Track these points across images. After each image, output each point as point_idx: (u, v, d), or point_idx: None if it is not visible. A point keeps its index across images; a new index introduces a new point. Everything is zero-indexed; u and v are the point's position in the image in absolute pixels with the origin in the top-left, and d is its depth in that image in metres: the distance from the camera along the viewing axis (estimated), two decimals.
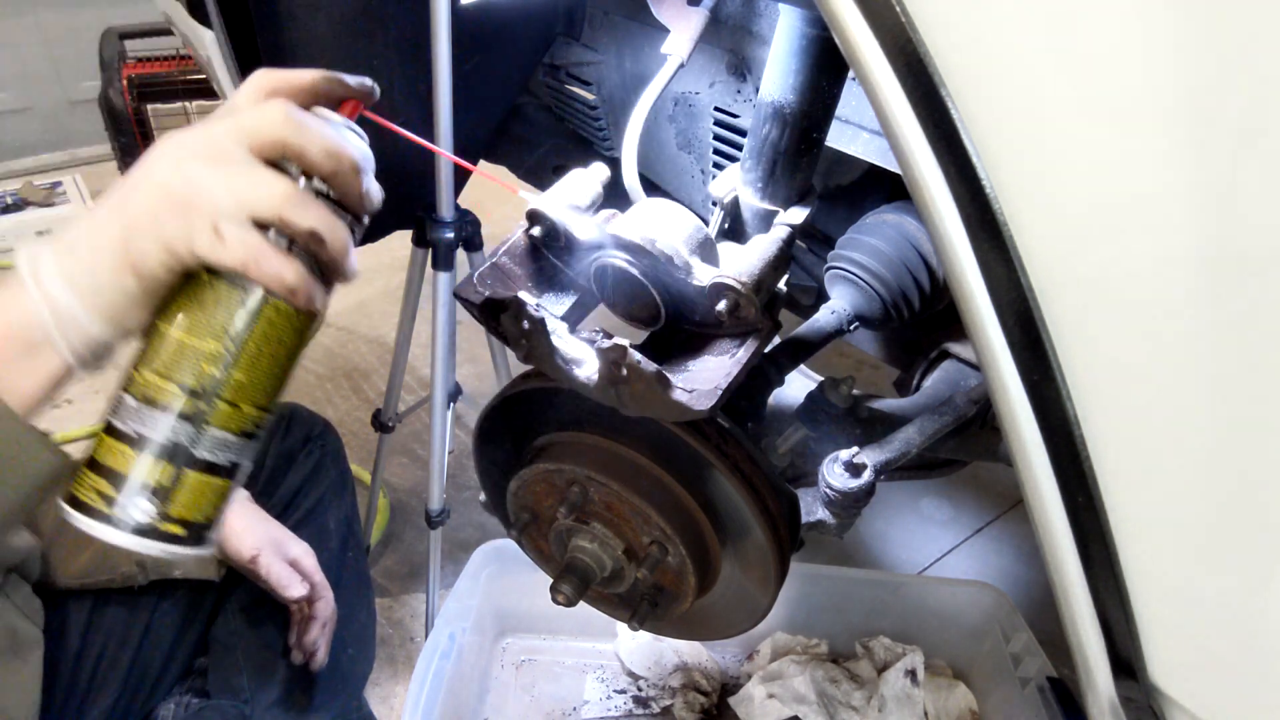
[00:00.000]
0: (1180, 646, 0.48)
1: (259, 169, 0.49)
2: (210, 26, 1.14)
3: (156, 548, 0.50)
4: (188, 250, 0.48)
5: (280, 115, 0.50)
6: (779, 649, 1.39)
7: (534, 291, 0.67)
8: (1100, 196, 0.39)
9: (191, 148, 0.49)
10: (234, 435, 0.52)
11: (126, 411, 0.50)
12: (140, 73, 2.98)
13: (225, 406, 0.51)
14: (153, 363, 0.50)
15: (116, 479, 0.50)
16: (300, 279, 0.51)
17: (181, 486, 0.51)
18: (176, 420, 0.50)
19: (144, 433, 0.50)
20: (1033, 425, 0.45)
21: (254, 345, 0.51)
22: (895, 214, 0.81)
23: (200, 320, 0.50)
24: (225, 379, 0.51)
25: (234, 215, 0.48)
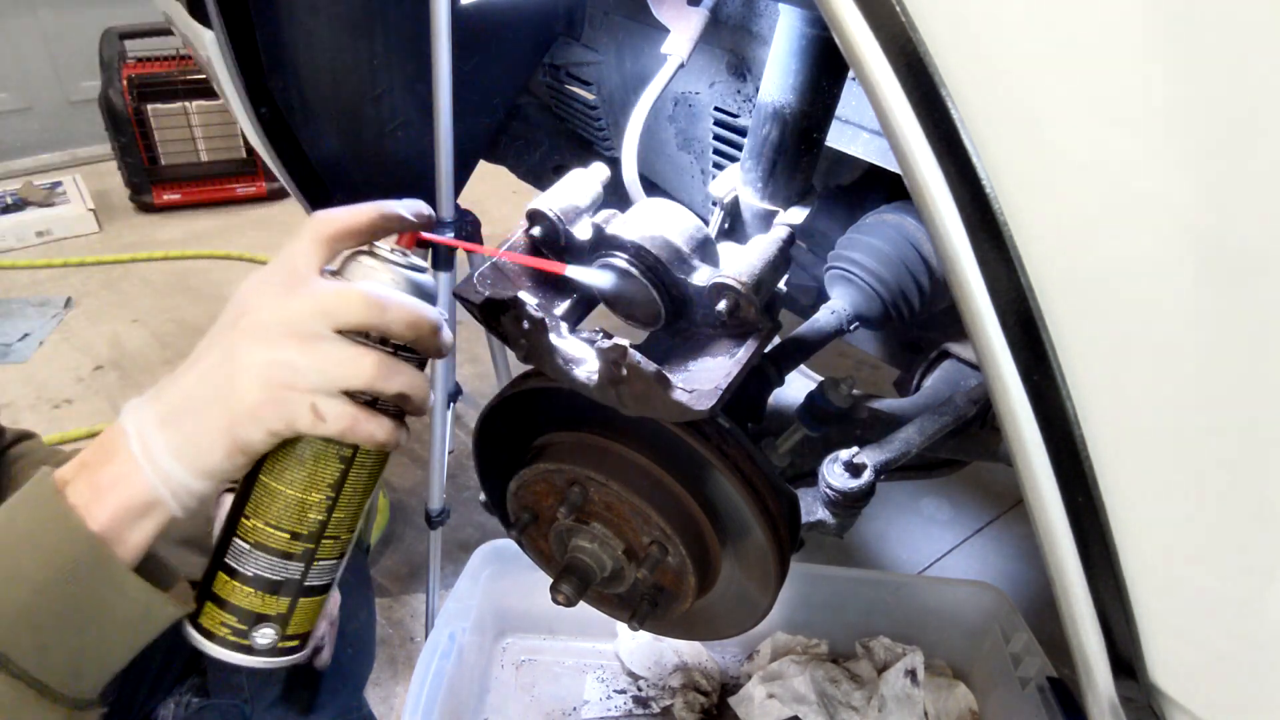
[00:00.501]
0: (1180, 646, 0.48)
1: (344, 345, 0.53)
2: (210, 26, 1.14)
3: (277, 663, 0.60)
4: (290, 430, 0.54)
5: (360, 302, 0.54)
6: (779, 649, 1.39)
7: (534, 291, 0.67)
8: (1100, 196, 0.39)
9: (278, 330, 0.53)
10: (334, 559, 0.61)
11: (244, 556, 0.58)
12: (140, 73, 2.99)
13: (328, 542, 0.59)
14: (263, 514, 0.57)
15: (242, 615, 0.58)
16: (389, 433, 0.57)
17: (296, 612, 0.60)
18: (289, 561, 0.58)
19: (263, 574, 0.58)
20: (1033, 425, 0.45)
21: (349, 488, 0.59)
22: (895, 214, 0.81)
23: (303, 476, 0.57)
24: (328, 521, 0.58)
25: (327, 391, 0.53)
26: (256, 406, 0.52)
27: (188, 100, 3.05)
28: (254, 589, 0.58)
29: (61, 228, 3.01)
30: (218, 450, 0.54)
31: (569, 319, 0.68)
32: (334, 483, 0.57)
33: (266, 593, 0.58)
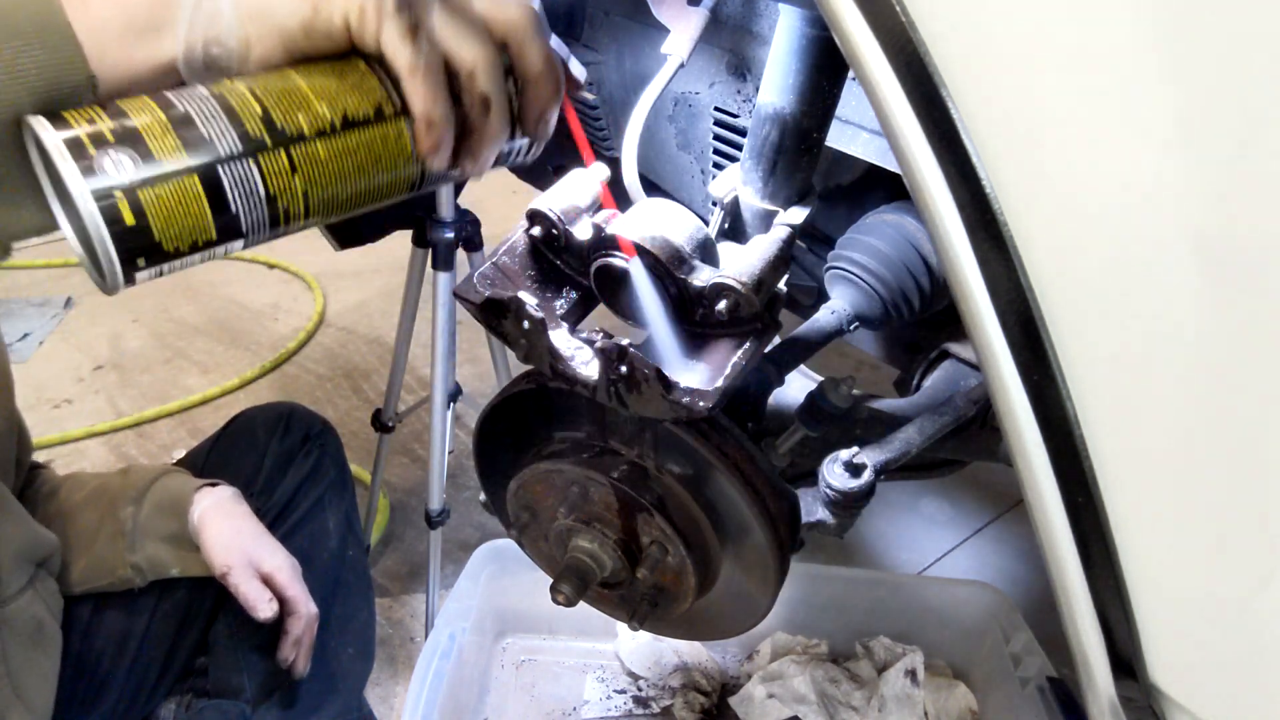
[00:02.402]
0: (1180, 646, 0.48)
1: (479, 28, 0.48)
2: None
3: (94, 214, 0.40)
4: (376, 24, 0.45)
5: (527, 9, 0.49)
6: (779, 649, 1.39)
7: (534, 291, 0.67)
8: (1100, 196, 0.39)
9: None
10: (264, 189, 0.45)
11: (191, 94, 0.44)
12: None
13: (283, 160, 0.45)
14: (254, 81, 0.45)
15: (124, 130, 0.41)
16: (445, 117, 0.47)
17: (175, 184, 0.42)
18: (230, 126, 0.43)
19: (190, 114, 0.43)
20: (1033, 425, 0.45)
21: (354, 141, 0.47)
22: (895, 214, 0.81)
23: (329, 85, 0.46)
24: (307, 139, 0.45)
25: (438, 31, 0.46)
26: None
27: None
28: (164, 114, 0.42)
29: None
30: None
31: (569, 319, 0.68)
32: (350, 117, 0.46)
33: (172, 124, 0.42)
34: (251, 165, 0.44)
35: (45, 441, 2.06)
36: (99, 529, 1.01)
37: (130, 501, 1.01)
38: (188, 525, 1.01)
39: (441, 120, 0.47)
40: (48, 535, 0.96)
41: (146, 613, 1.05)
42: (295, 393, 2.28)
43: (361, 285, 2.77)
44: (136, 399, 2.27)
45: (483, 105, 0.48)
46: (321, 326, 2.59)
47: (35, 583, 0.92)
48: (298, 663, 1.04)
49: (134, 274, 0.43)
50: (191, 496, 1.02)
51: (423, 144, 0.48)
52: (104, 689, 1.01)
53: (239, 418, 1.25)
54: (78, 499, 1.04)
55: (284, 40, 0.46)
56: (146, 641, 1.04)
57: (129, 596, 1.03)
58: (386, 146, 0.48)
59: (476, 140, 0.50)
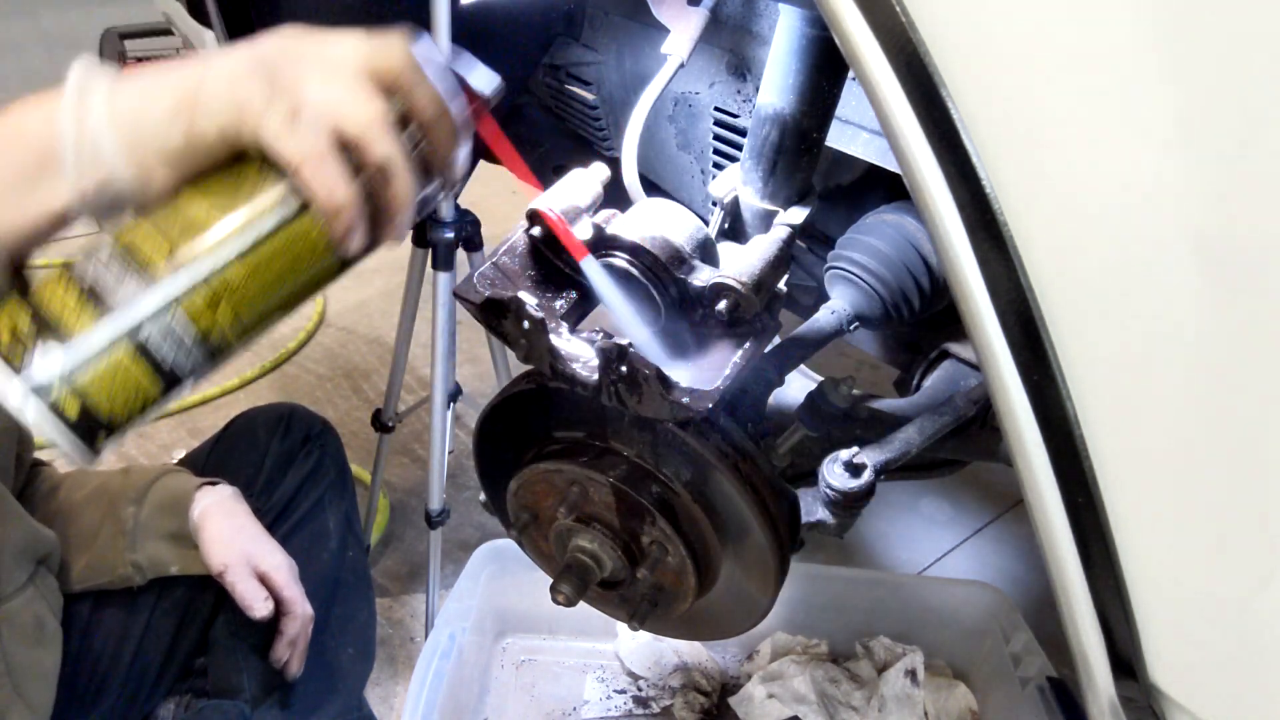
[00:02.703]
0: (1180, 646, 0.48)
1: (362, 87, 0.45)
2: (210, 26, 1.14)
3: (36, 412, 0.41)
4: (254, 123, 0.44)
5: (404, 49, 0.47)
6: (779, 649, 1.39)
7: (534, 291, 0.67)
8: (1100, 196, 0.39)
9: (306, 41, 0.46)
10: (194, 332, 0.44)
11: (94, 259, 0.43)
12: None
13: (204, 301, 0.44)
14: (154, 221, 0.44)
15: (41, 320, 0.42)
16: (350, 202, 0.45)
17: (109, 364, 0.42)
18: (141, 283, 0.42)
19: (100, 285, 0.42)
20: (1033, 425, 0.45)
21: (267, 253, 0.45)
22: (895, 214, 0.81)
23: (226, 201, 0.44)
24: (220, 269, 0.44)
25: (317, 113, 0.44)
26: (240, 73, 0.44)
27: None
28: (79, 294, 0.42)
29: None
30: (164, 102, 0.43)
31: (569, 319, 0.68)
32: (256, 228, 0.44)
33: (86, 302, 0.41)
34: (175, 314, 0.43)
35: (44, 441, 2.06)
36: (100, 527, 1.01)
37: (131, 501, 1.01)
38: (188, 524, 1.01)
39: (346, 204, 0.45)
40: (47, 533, 0.96)
41: (146, 611, 1.05)
42: (295, 393, 2.28)
43: (361, 285, 2.77)
44: None
45: (381, 173, 0.46)
46: (321, 326, 2.59)
47: (35, 580, 0.92)
48: (291, 663, 1.04)
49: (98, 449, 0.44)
50: (192, 495, 1.02)
51: (334, 231, 0.46)
52: (103, 687, 1.01)
53: (239, 418, 1.25)
54: (78, 498, 1.04)
55: (173, 161, 0.44)
56: (146, 640, 1.04)
57: (129, 595, 1.03)
58: (302, 246, 0.46)
59: (388, 210, 0.48)
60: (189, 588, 1.07)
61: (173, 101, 0.44)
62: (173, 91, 0.44)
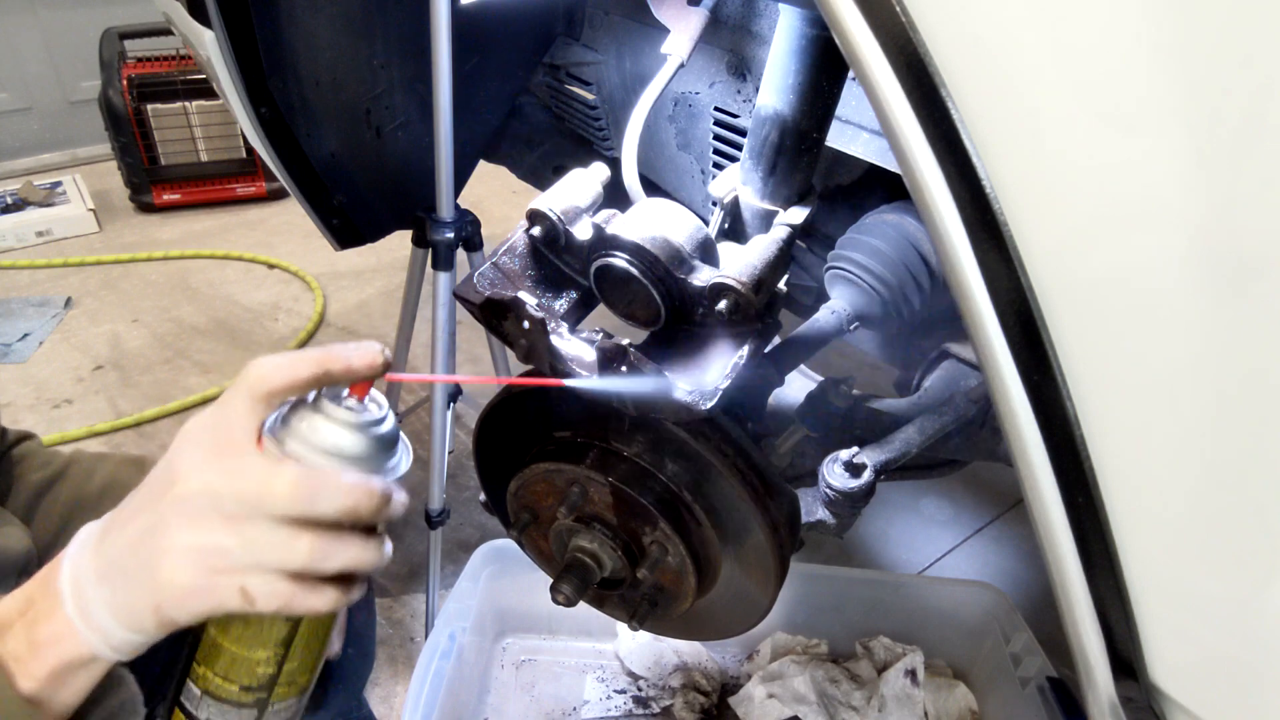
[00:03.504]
0: (1180, 646, 0.48)
1: (277, 530, 0.50)
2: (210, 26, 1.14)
3: None
4: (220, 612, 0.51)
5: (288, 491, 0.49)
6: (779, 649, 1.39)
7: (534, 291, 0.67)
8: (1100, 196, 0.39)
9: (208, 506, 0.50)
10: (291, 700, 0.59)
11: (196, 700, 0.57)
12: (140, 73, 2.99)
13: (282, 689, 0.57)
14: (211, 664, 0.56)
15: None
16: (332, 603, 0.52)
17: None
18: (243, 709, 0.57)
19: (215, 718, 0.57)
20: (1033, 425, 0.45)
21: (300, 644, 0.57)
22: (895, 214, 0.81)
23: (249, 635, 0.55)
24: (279, 674, 0.56)
25: (261, 571, 0.50)
26: (184, 592, 0.50)
27: (188, 100, 3.05)
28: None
29: (61, 228, 3.01)
30: (149, 621, 0.51)
31: (569, 319, 0.68)
32: (282, 640, 0.56)
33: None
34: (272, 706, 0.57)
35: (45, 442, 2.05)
36: None
37: None
38: None
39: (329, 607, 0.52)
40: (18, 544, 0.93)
41: None
42: None
43: (361, 285, 2.77)
44: (137, 399, 2.27)
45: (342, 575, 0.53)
46: (321, 326, 2.59)
47: None
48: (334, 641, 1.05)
49: None
50: None
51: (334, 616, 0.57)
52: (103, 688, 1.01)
53: None
54: (89, 490, 1.03)
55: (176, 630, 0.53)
56: None
57: None
58: (319, 621, 0.58)
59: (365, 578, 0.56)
60: None
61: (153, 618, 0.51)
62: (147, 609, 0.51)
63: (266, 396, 0.51)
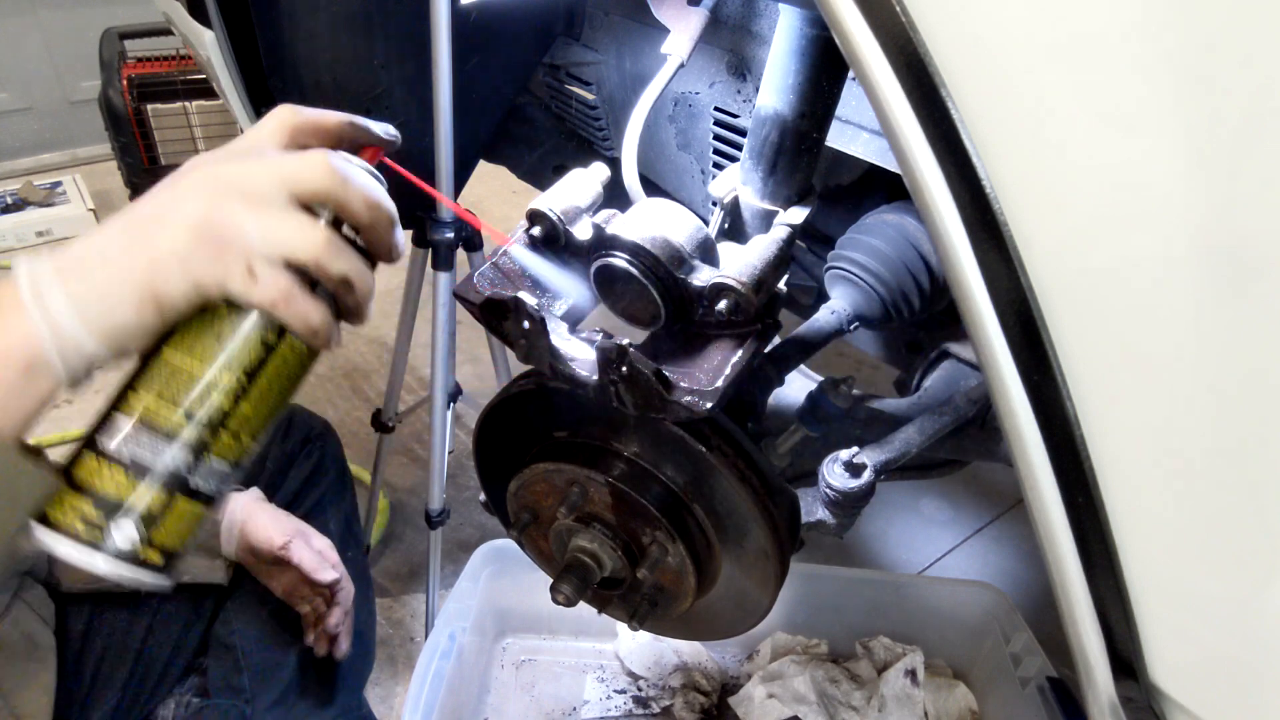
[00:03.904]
0: (1180, 646, 0.48)
1: (296, 214, 0.49)
2: (210, 26, 1.14)
3: (132, 575, 0.49)
4: (218, 287, 0.48)
5: (325, 167, 0.50)
6: (779, 649, 1.39)
7: (534, 291, 0.67)
8: (1101, 196, 0.39)
9: (228, 185, 0.48)
10: (230, 465, 0.52)
11: (121, 434, 0.49)
12: (140, 73, 2.99)
13: (229, 438, 0.51)
14: (157, 388, 0.49)
15: (103, 502, 0.48)
16: (323, 320, 0.51)
17: (171, 514, 0.50)
18: (178, 448, 0.49)
19: (141, 458, 0.49)
20: (1033, 425, 0.45)
21: (265, 380, 0.51)
22: (895, 214, 0.81)
23: (216, 352, 0.49)
24: (233, 411, 0.50)
25: (269, 256, 0.48)
26: (187, 251, 0.47)
27: (188, 100, 3.05)
28: (125, 472, 0.48)
29: (61, 228, 3.01)
30: (128, 300, 0.47)
31: (569, 319, 0.68)
32: (250, 367, 0.50)
33: (139, 478, 0.48)
34: (208, 459, 0.50)
35: (45, 442, 2.06)
36: None
37: None
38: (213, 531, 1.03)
39: (321, 324, 0.51)
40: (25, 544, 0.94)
41: (149, 614, 1.05)
42: None
43: None
44: None
45: (343, 283, 0.51)
46: None
47: (22, 594, 0.92)
48: (342, 639, 1.07)
49: (177, 573, 0.53)
50: None
51: (316, 345, 0.52)
52: (104, 689, 1.01)
53: None
54: None
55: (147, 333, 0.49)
56: (148, 643, 1.04)
57: (132, 598, 1.03)
58: (290, 361, 0.52)
59: (356, 307, 0.54)
60: (193, 591, 1.07)
61: (134, 292, 0.47)
62: (129, 282, 0.47)
63: (294, 129, 0.52)
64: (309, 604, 1.06)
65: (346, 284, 0.52)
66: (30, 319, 0.46)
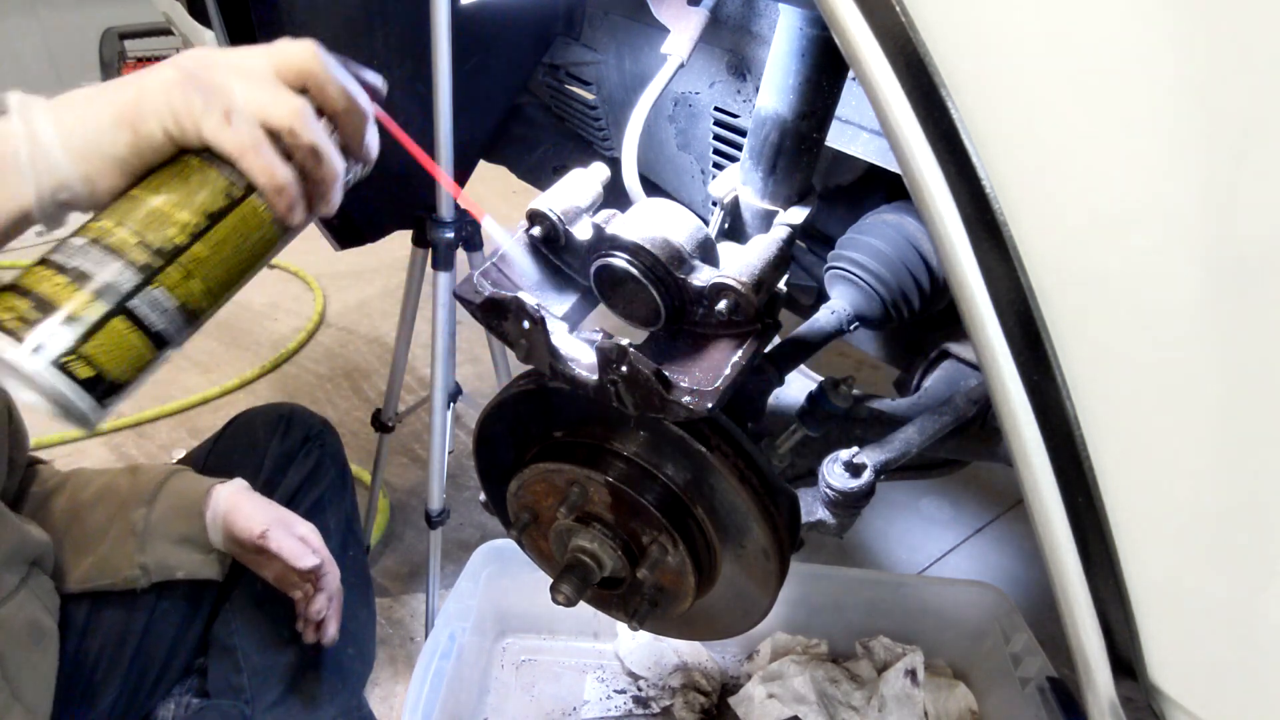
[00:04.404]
0: (1180, 647, 0.48)
1: (280, 86, 0.52)
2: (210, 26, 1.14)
3: (57, 382, 0.47)
4: (194, 124, 0.50)
5: (310, 50, 0.53)
6: (779, 649, 1.39)
7: (534, 291, 0.67)
8: (1100, 196, 0.39)
9: (221, 56, 0.52)
10: (174, 302, 0.51)
11: (71, 250, 0.49)
12: None
13: (177, 272, 0.50)
14: (116, 214, 0.50)
15: (41, 303, 0.47)
16: (288, 180, 0.52)
17: (106, 330, 0.48)
18: (124, 264, 0.49)
19: (85, 268, 0.48)
20: (1033, 425, 0.45)
21: (224, 230, 0.52)
22: (895, 214, 0.81)
23: (180, 192, 0.51)
24: (186, 246, 0.51)
25: (246, 113, 0.50)
26: (170, 84, 0.50)
27: None
28: (66, 278, 0.48)
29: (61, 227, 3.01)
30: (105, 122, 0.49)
31: (569, 319, 0.68)
32: (211, 212, 0.51)
33: (79, 286, 0.48)
34: (156, 288, 0.50)
35: (45, 441, 2.06)
36: (108, 529, 1.01)
37: (142, 503, 1.02)
38: (201, 525, 1.02)
39: (287, 183, 0.53)
40: (38, 535, 0.96)
41: (146, 612, 1.05)
42: (295, 393, 2.28)
43: (361, 285, 2.77)
44: (136, 399, 2.26)
45: (313, 154, 0.53)
46: (321, 326, 2.59)
47: (29, 582, 0.92)
48: (329, 625, 1.06)
49: (106, 405, 0.50)
50: (204, 497, 1.02)
51: (278, 208, 0.54)
52: (102, 687, 1.01)
53: (239, 418, 1.25)
54: (84, 498, 1.04)
55: (120, 166, 0.50)
56: (146, 640, 1.04)
57: (129, 596, 1.03)
58: (251, 222, 0.53)
59: (321, 184, 0.55)
60: (189, 588, 1.07)
61: (114, 113, 0.50)
62: (112, 105, 0.50)
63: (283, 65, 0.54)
64: (299, 589, 1.06)
65: (316, 155, 0.53)
66: (11, 127, 0.49)
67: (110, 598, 1.02)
